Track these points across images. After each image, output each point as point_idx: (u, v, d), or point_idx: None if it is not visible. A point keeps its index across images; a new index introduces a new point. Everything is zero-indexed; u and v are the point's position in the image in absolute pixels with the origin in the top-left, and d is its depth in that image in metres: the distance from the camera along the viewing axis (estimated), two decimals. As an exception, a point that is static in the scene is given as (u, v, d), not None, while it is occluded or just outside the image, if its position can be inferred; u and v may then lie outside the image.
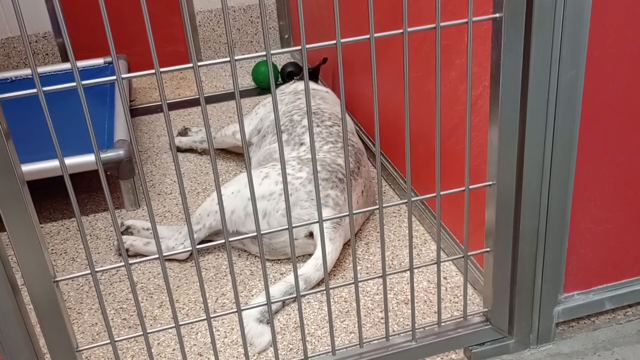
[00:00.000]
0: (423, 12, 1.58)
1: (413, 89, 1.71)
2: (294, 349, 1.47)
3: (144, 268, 1.77)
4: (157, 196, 2.11)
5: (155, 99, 2.80)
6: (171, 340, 1.51)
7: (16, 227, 1.00)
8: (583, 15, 1.11)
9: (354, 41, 1.01)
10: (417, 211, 1.87)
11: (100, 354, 1.48)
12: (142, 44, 2.89)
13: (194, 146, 2.35)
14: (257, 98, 2.75)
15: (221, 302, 1.63)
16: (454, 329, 1.36)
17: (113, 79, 0.95)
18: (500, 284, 1.32)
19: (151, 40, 0.92)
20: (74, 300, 1.67)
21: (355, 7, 2.05)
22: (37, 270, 1.04)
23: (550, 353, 1.40)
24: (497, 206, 1.23)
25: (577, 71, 1.15)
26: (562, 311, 1.40)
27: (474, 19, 1.05)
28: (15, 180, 0.97)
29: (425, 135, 1.73)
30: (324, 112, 1.95)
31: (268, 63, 0.98)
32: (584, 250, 1.37)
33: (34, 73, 0.89)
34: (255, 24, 3.15)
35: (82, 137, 1.98)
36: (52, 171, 1.88)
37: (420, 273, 1.66)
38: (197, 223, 1.75)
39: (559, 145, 1.21)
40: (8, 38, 2.89)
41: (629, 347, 1.40)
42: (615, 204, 1.34)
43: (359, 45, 2.16)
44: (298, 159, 1.77)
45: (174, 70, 0.97)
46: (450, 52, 1.49)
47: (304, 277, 1.57)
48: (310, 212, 1.67)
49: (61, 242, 1.92)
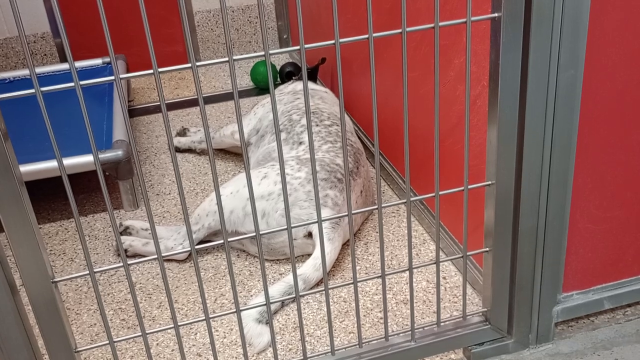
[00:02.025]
0: (422, 11, 1.58)
1: (412, 89, 1.71)
2: (293, 349, 1.47)
3: (142, 268, 1.77)
4: (155, 196, 2.11)
5: (153, 99, 2.80)
6: (170, 341, 1.51)
7: (14, 227, 1.00)
8: (582, 14, 1.11)
9: (353, 41, 1.01)
10: (416, 211, 1.87)
11: (99, 355, 1.48)
12: (140, 44, 2.90)
13: (193, 146, 2.35)
14: (255, 98, 2.75)
15: (220, 303, 1.63)
16: (453, 329, 1.36)
17: (111, 79, 0.94)
18: (499, 284, 1.32)
19: (149, 40, 0.92)
20: (72, 300, 1.67)
21: (353, 7, 2.05)
22: (35, 270, 1.04)
23: (549, 353, 1.40)
24: (496, 206, 1.23)
25: (576, 71, 1.15)
26: (561, 311, 1.40)
27: (473, 18, 1.05)
28: (14, 181, 0.97)
29: (424, 135, 1.73)
30: (322, 111, 1.95)
31: (267, 63, 0.98)
32: (583, 250, 1.37)
33: (32, 73, 0.89)
34: (254, 24, 3.15)
35: (81, 137, 2.00)
36: (51, 172, 1.88)
37: (419, 273, 1.66)
38: (196, 223, 1.75)
39: (557, 145, 1.21)
40: (6, 38, 2.89)
41: (628, 346, 1.40)
42: (614, 203, 1.34)
43: (358, 45, 2.17)
44: (297, 158, 1.76)
45: (172, 70, 0.97)
46: (449, 52, 1.49)
47: (303, 277, 1.57)
48: (309, 212, 1.67)
49: (60, 242, 1.92)
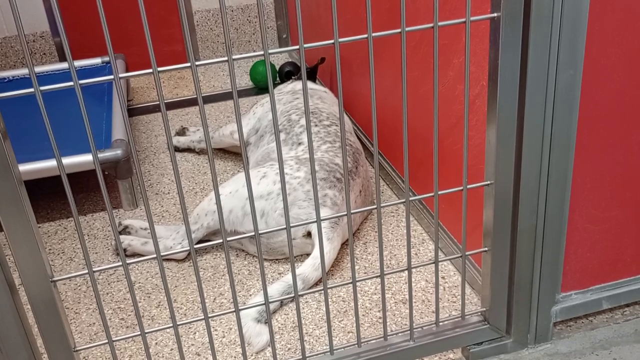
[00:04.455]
0: (421, 11, 1.58)
1: (411, 89, 1.71)
2: (292, 348, 1.47)
3: (141, 268, 1.77)
4: (154, 196, 2.11)
5: (153, 99, 2.80)
6: (169, 340, 1.51)
7: (13, 226, 1.00)
8: (581, 14, 1.11)
9: (352, 40, 1.01)
10: (415, 211, 1.87)
11: (97, 354, 1.48)
12: (139, 43, 2.90)
13: (192, 146, 2.35)
14: (254, 98, 2.75)
15: (219, 302, 1.63)
16: (452, 328, 1.36)
17: (111, 79, 0.94)
18: (498, 284, 1.32)
19: (149, 39, 0.92)
20: (71, 300, 1.67)
21: (353, 6, 2.05)
22: (34, 270, 1.04)
23: (548, 352, 1.40)
24: (495, 206, 1.23)
25: (575, 71, 1.15)
26: (559, 311, 1.40)
27: (472, 18, 1.05)
28: (13, 180, 0.97)
29: (423, 134, 1.73)
30: (322, 111, 1.95)
31: (266, 62, 0.98)
32: (582, 249, 1.37)
33: (31, 72, 0.89)
34: (253, 23, 3.15)
35: (80, 136, 1.99)
36: (50, 171, 1.88)
37: (418, 273, 1.66)
38: (195, 223, 1.74)
39: (556, 145, 1.21)
40: (5, 37, 2.89)
41: (626, 346, 1.40)
42: (612, 203, 1.34)
43: (357, 45, 2.17)
44: (296, 158, 1.76)
45: (171, 69, 0.97)
46: (448, 52, 1.49)
47: (302, 276, 1.57)
48: (308, 211, 1.67)
49: (59, 241, 1.92)
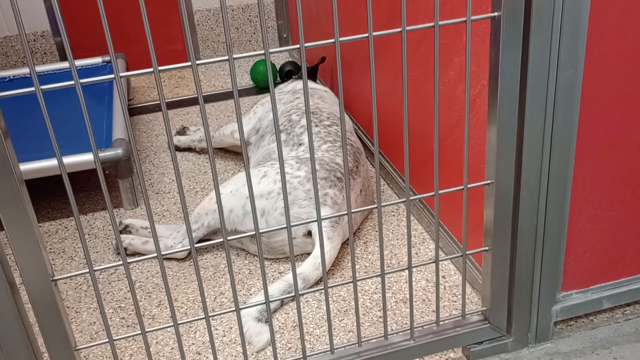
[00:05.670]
0: (421, 10, 1.58)
1: (412, 88, 1.71)
2: (293, 347, 1.47)
3: (142, 267, 1.77)
4: (155, 195, 2.11)
5: (153, 98, 2.80)
6: (169, 339, 1.51)
7: (14, 226, 1.00)
8: (581, 14, 1.11)
9: (353, 40, 1.01)
10: (415, 210, 1.87)
11: (98, 353, 1.48)
12: (140, 43, 2.90)
13: (193, 145, 2.35)
14: (255, 97, 2.75)
15: (220, 301, 1.63)
16: (453, 327, 1.36)
17: (111, 78, 0.94)
18: (498, 283, 1.32)
19: (149, 39, 0.92)
20: (72, 299, 1.67)
21: (353, 5, 2.05)
22: (35, 269, 1.04)
23: (548, 352, 1.40)
24: (496, 205, 1.23)
25: (576, 70, 1.15)
26: (560, 310, 1.40)
27: (473, 17, 1.05)
28: (14, 179, 0.97)
29: (423, 134, 1.73)
30: (322, 111, 1.95)
31: (267, 62, 0.98)
32: (582, 249, 1.37)
33: (32, 72, 0.89)
34: (254, 23, 3.15)
35: (81, 136, 2.00)
36: (51, 170, 1.88)
37: (418, 272, 1.66)
38: (196, 222, 1.75)
39: (557, 144, 1.21)
40: (6, 37, 2.89)
41: (627, 345, 1.40)
42: (613, 202, 1.34)
43: (358, 44, 2.16)
44: (297, 158, 1.76)
45: (172, 68, 0.97)
46: (449, 51, 1.49)
47: (302, 276, 1.57)
48: (309, 211, 1.67)
49: (59, 241, 1.92)
